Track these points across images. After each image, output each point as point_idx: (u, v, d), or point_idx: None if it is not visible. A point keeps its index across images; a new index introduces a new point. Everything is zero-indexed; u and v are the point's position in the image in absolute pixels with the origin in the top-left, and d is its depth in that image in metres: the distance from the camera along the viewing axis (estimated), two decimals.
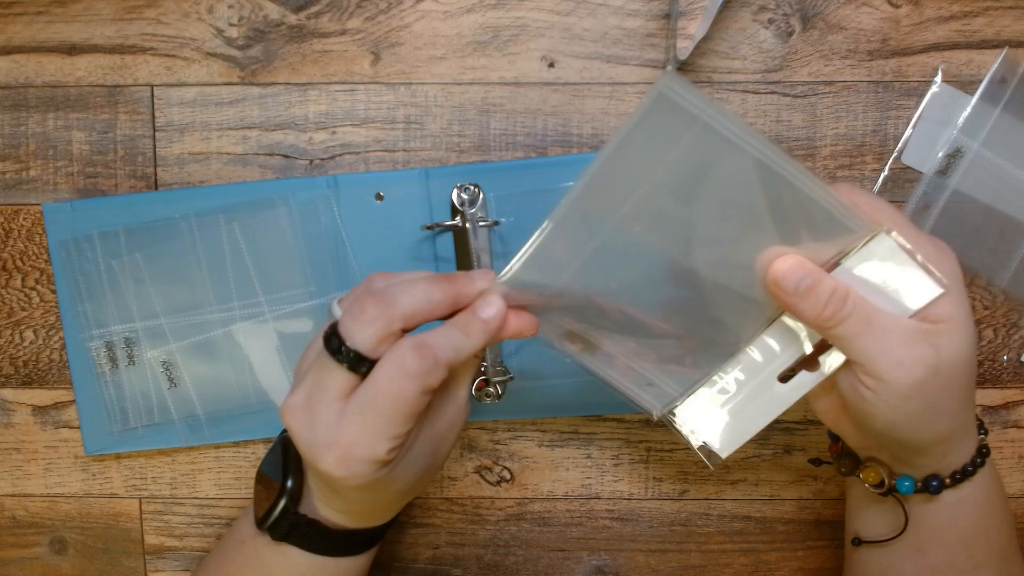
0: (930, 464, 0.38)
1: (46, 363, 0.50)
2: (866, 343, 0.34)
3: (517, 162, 0.48)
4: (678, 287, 0.36)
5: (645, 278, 0.36)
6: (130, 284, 0.48)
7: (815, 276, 0.34)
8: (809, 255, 0.35)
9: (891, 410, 0.35)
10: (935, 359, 0.34)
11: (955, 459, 0.38)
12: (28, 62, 0.48)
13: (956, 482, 0.38)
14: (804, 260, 0.35)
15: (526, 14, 0.47)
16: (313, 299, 0.48)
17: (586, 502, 0.51)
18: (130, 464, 0.50)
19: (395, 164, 0.48)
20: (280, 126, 0.48)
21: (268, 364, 0.48)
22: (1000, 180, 0.47)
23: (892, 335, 0.34)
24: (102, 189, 0.49)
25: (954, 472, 0.38)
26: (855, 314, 0.34)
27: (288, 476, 0.39)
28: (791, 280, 0.34)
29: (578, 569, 0.51)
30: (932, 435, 0.36)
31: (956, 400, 0.35)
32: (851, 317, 0.34)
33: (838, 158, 0.48)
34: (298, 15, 0.48)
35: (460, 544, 0.51)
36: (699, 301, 0.37)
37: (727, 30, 0.47)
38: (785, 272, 0.34)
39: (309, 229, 0.48)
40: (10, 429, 0.51)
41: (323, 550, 0.40)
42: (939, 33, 0.47)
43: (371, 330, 0.33)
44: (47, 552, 0.51)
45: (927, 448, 0.37)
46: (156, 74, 0.48)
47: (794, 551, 0.51)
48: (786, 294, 0.35)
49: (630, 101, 0.48)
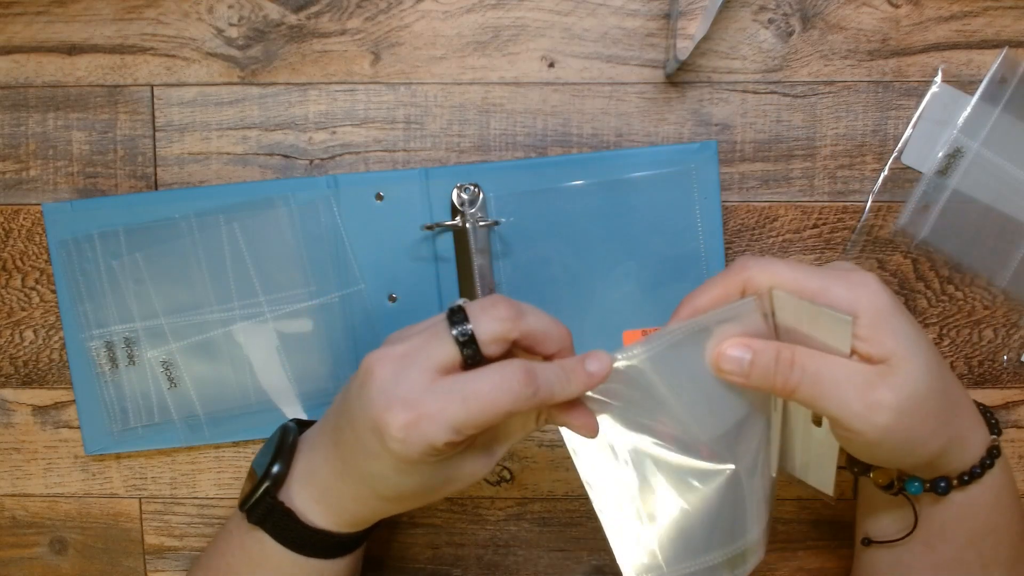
0: (935, 470, 0.38)
1: (46, 363, 0.50)
2: (824, 403, 0.34)
3: (517, 162, 0.48)
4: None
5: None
6: (130, 284, 0.48)
7: (752, 349, 0.35)
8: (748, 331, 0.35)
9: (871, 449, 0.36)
10: (894, 400, 0.33)
11: (962, 461, 0.38)
12: (28, 62, 0.48)
13: (964, 483, 0.38)
14: (739, 338, 0.35)
15: (526, 14, 0.47)
16: (313, 299, 0.48)
17: (586, 502, 0.50)
18: (130, 464, 0.50)
19: (395, 164, 0.48)
20: (280, 126, 0.48)
21: (268, 364, 0.48)
22: (1000, 180, 0.47)
23: (846, 388, 0.34)
24: (102, 189, 0.49)
25: (961, 474, 0.38)
26: (804, 377, 0.34)
27: (276, 461, 0.40)
28: (732, 363, 0.35)
29: (578, 569, 0.51)
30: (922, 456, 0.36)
31: (937, 421, 0.35)
32: (802, 381, 0.34)
33: (838, 158, 0.48)
34: (298, 15, 0.48)
35: (460, 544, 0.51)
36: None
37: (727, 30, 0.47)
38: (724, 356, 0.35)
39: (309, 229, 0.48)
40: (10, 429, 0.51)
41: (293, 543, 0.39)
42: (939, 33, 0.47)
43: (496, 325, 0.34)
44: (47, 552, 0.51)
45: (923, 464, 0.37)
46: (156, 74, 0.48)
47: (794, 551, 0.51)
48: (734, 376, 0.35)
49: (630, 101, 0.48)
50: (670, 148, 0.47)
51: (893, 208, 0.48)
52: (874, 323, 0.34)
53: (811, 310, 0.34)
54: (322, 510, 0.39)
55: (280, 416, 0.49)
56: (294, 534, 0.39)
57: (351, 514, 0.39)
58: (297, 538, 0.39)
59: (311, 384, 0.48)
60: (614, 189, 0.47)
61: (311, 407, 0.49)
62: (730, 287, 0.36)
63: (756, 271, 0.35)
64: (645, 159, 0.47)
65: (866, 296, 0.34)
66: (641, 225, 0.47)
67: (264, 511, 0.39)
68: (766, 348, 0.35)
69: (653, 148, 0.47)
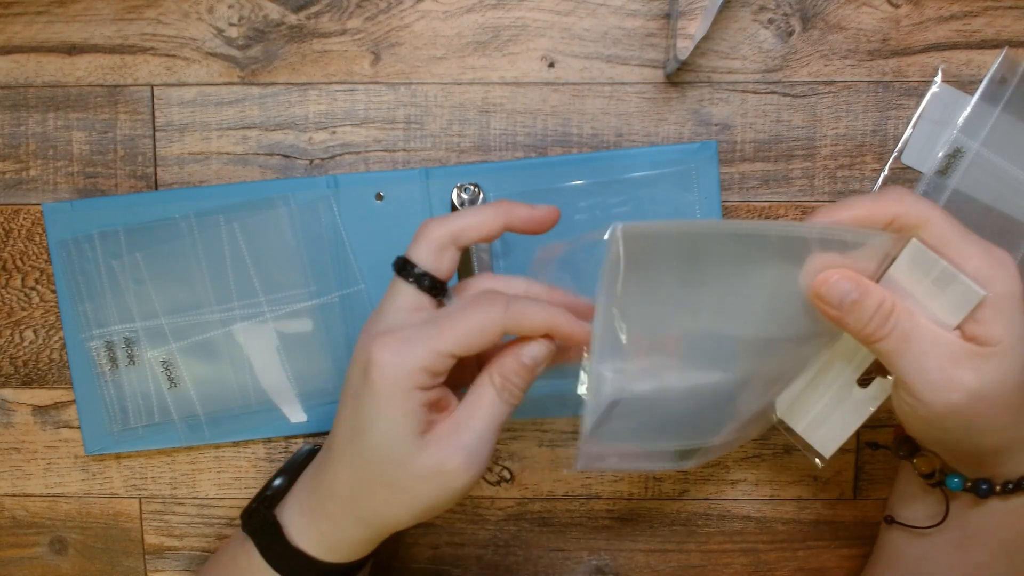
0: (983, 469, 0.37)
1: (46, 363, 0.50)
2: (904, 362, 0.33)
3: (517, 162, 0.48)
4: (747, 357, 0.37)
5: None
6: (130, 284, 0.48)
7: (860, 289, 0.33)
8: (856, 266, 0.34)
9: (928, 426, 0.35)
10: (975, 384, 0.32)
11: (1014, 468, 0.37)
12: (28, 62, 0.48)
13: (1007, 492, 0.37)
14: (850, 272, 0.34)
15: (526, 14, 0.47)
16: (313, 299, 0.48)
17: (586, 502, 0.51)
18: (130, 464, 0.50)
19: (395, 164, 0.48)
20: (280, 126, 0.48)
21: (268, 364, 0.48)
22: (1000, 180, 0.47)
23: (931, 356, 0.33)
24: (102, 189, 0.49)
25: (1007, 481, 0.37)
26: (896, 331, 0.33)
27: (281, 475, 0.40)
28: (835, 294, 0.34)
29: (578, 569, 0.51)
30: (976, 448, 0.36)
31: (1005, 417, 0.34)
32: (892, 334, 0.33)
33: (838, 158, 0.48)
34: (298, 15, 0.48)
35: (460, 544, 0.51)
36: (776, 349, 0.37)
37: (727, 30, 0.47)
38: (830, 285, 0.34)
39: (309, 229, 0.48)
40: (10, 429, 0.51)
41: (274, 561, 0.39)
42: (939, 33, 0.47)
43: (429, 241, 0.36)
44: (47, 552, 0.51)
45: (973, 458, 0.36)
46: (156, 74, 0.48)
47: (794, 551, 0.51)
48: (830, 307, 0.34)
49: (630, 101, 0.48)
50: (670, 148, 0.47)
51: None
52: (997, 306, 0.33)
53: (945, 271, 0.33)
54: (305, 523, 0.39)
55: (280, 416, 0.49)
56: (276, 552, 0.39)
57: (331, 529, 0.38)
58: (279, 557, 0.39)
59: (311, 384, 0.48)
60: (614, 189, 0.47)
61: (311, 407, 0.49)
62: (876, 214, 0.34)
63: (913, 209, 0.34)
64: (645, 159, 0.47)
65: (1002, 278, 0.33)
66: None
67: (257, 523, 0.39)
68: (874, 292, 0.33)
69: (653, 148, 0.47)
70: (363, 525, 0.38)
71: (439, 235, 0.36)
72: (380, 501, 0.37)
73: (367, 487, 0.36)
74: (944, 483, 0.38)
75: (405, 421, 0.34)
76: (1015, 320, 0.33)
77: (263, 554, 0.39)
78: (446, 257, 0.36)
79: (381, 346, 0.34)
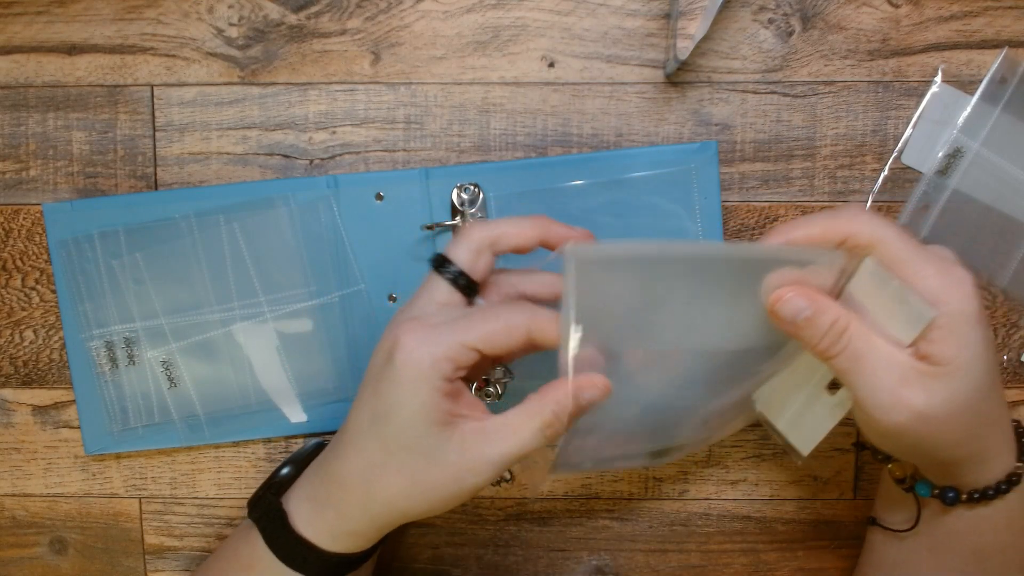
0: (949, 478, 0.37)
1: (46, 363, 0.50)
2: (855, 380, 0.34)
3: (517, 162, 0.48)
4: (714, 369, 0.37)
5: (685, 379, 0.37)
6: (130, 284, 0.48)
7: (815, 306, 0.34)
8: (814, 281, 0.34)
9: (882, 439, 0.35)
10: (922, 404, 0.33)
11: (977, 479, 0.37)
12: (28, 62, 0.48)
13: (973, 501, 0.37)
14: (806, 289, 0.34)
15: (526, 14, 0.47)
16: (313, 299, 0.48)
17: (586, 502, 0.51)
18: (130, 464, 0.50)
19: (395, 164, 0.48)
20: (280, 126, 0.48)
21: (268, 364, 0.48)
22: (1000, 180, 0.47)
23: (881, 376, 0.33)
24: (102, 189, 0.49)
25: (972, 490, 0.37)
26: (848, 349, 0.33)
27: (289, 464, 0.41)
28: (788, 311, 0.34)
29: (578, 569, 0.51)
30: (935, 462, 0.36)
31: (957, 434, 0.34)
32: (844, 352, 0.33)
33: (838, 158, 0.48)
34: (298, 15, 0.48)
35: (460, 544, 0.51)
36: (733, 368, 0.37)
37: (727, 30, 0.47)
38: (783, 302, 0.34)
39: (309, 229, 0.48)
40: (10, 429, 0.51)
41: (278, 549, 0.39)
42: (939, 33, 0.47)
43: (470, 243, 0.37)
44: (47, 552, 0.51)
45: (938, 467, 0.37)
46: (156, 74, 0.48)
47: (794, 551, 0.51)
48: (784, 324, 0.34)
49: (630, 101, 0.48)
50: (670, 148, 0.47)
51: (893, 208, 0.48)
52: (951, 326, 0.32)
53: (897, 290, 0.33)
54: (311, 511, 0.39)
55: (280, 416, 0.49)
56: (281, 540, 0.39)
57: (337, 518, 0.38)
58: (283, 545, 0.39)
59: (311, 384, 0.49)
60: (614, 189, 0.47)
61: (311, 407, 0.49)
62: (830, 233, 0.34)
63: (865, 228, 0.34)
64: (645, 159, 0.47)
65: (957, 297, 0.33)
66: (641, 225, 0.47)
67: (263, 510, 0.40)
68: (828, 309, 0.34)
69: (653, 148, 0.47)
70: (371, 515, 0.38)
71: (479, 238, 0.37)
72: (395, 490, 0.36)
73: (382, 474, 0.36)
74: (915, 489, 0.39)
75: (429, 408, 0.35)
76: (968, 339, 0.33)
77: (268, 542, 0.39)
78: (482, 260, 0.37)
79: (408, 330, 0.35)
